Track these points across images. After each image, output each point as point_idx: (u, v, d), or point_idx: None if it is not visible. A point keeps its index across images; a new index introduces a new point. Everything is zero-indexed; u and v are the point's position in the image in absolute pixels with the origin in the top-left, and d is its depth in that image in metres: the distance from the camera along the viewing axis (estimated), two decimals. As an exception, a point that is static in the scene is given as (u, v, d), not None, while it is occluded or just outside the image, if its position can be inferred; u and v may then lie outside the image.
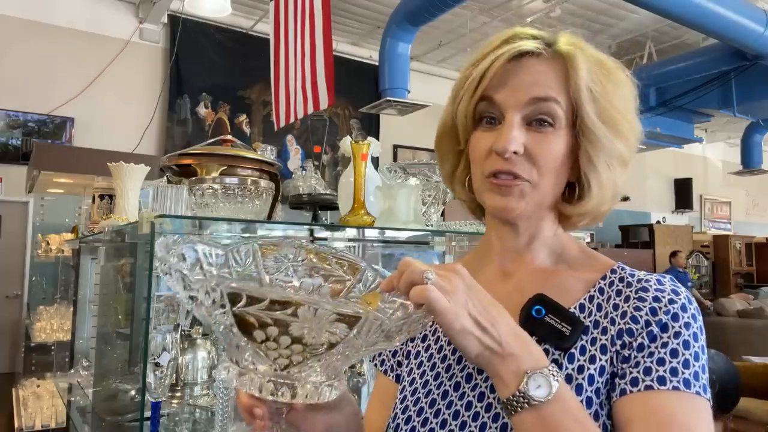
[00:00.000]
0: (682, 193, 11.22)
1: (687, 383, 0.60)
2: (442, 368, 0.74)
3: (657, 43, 7.58)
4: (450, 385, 0.72)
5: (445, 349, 0.76)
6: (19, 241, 5.67)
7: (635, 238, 9.65)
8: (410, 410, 0.73)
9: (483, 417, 0.67)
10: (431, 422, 0.70)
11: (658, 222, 10.32)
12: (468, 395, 0.70)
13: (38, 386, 3.41)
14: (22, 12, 5.86)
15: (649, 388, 0.60)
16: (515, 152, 0.67)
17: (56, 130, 5.92)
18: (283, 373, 0.51)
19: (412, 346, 0.80)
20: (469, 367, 0.72)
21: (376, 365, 0.85)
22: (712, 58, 6.79)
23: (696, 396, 0.60)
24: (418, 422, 0.71)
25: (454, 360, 0.74)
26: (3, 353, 5.55)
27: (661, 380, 0.60)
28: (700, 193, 11.65)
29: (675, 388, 0.60)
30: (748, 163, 9.49)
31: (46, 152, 3.63)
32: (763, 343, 7.29)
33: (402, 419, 0.73)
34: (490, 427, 0.66)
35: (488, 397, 0.68)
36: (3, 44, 5.72)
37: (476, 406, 0.68)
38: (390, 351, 0.83)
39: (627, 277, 0.70)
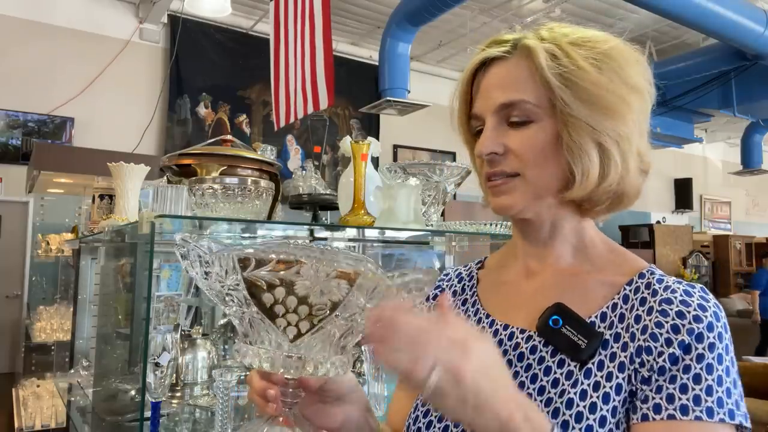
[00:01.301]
0: (682, 193, 11.21)
1: (710, 412, 0.59)
2: None
3: (657, 43, 7.58)
4: None
5: None
6: (19, 241, 5.67)
7: (635, 238, 9.64)
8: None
9: None
10: (447, 419, 0.71)
11: (658, 222, 10.31)
12: None
13: (38, 386, 3.41)
14: (22, 12, 5.86)
15: (671, 417, 0.59)
16: (495, 153, 0.69)
17: (56, 130, 5.92)
18: (292, 345, 0.54)
19: None
20: None
21: None
22: (712, 58, 6.79)
23: (719, 424, 0.59)
24: (434, 416, 0.73)
25: None
26: (3, 353, 5.55)
27: (684, 410, 0.59)
28: (700, 193, 11.65)
29: (698, 418, 0.59)
30: (748, 163, 9.49)
31: (46, 152, 3.63)
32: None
33: (421, 411, 0.75)
34: None
35: None
36: (3, 44, 5.72)
37: None
38: None
39: (654, 284, 0.67)
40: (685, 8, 5.18)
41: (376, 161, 1.91)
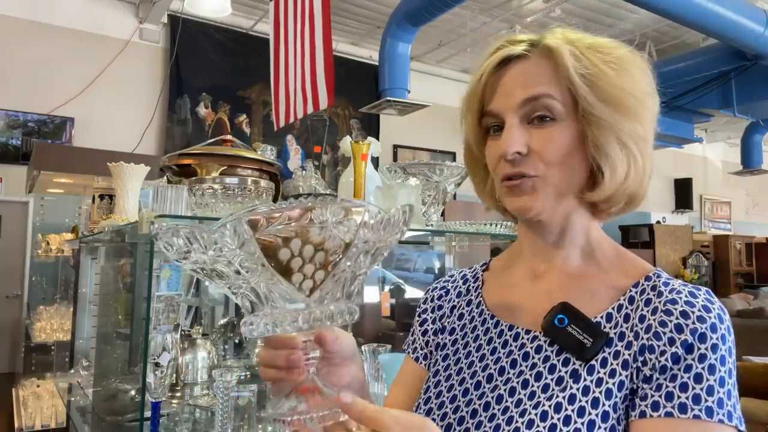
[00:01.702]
0: (682, 193, 11.21)
1: (709, 412, 0.59)
2: (475, 358, 0.75)
3: (657, 43, 7.58)
4: (483, 376, 0.73)
5: (481, 339, 0.77)
6: (19, 241, 5.66)
7: (635, 238, 9.65)
8: (444, 396, 0.75)
9: (511, 411, 0.67)
10: (459, 398, 0.72)
11: (658, 222, 10.32)
12: (500, 388, 0.70)
13: (38, 386, 3.41)
14: (22, 12, 5.86)
15: (669, 415, 0.60)
16: (519, 153, 0.69)
17: (56, 130, 5.92)
18: (309, 300, 0.54)
19: (441, 338, 0.82)
20: (502, 361, 0.72)
21: (408, 353, 0.86)
22: (712, 58, 6.79)
23: (718, 425, 0.59)
24: (446, 397, 0.74)
25: (477, 357, 0.75)
26: (3, 353, 5.55)
27: (683, 408, 0.59)
28: (700, 193, 11.65)
29: (696, 417, 0.59)
30: (748, 163, 9.49)
31: (46, 152, 3.63)
32: (763, 343, 7.28)
33: (433, 393, 0.75)
34: (517, 421, 0.66)
35: (519, 393, 0.68)
36: (3, 44, 5.72)
37: (507, 401, 0.69)
38: (423, 339, 0.84)
39: (660, 286, 0.68)
40: (685, 8, 5.18)
41: (376, 161, 1.91)
